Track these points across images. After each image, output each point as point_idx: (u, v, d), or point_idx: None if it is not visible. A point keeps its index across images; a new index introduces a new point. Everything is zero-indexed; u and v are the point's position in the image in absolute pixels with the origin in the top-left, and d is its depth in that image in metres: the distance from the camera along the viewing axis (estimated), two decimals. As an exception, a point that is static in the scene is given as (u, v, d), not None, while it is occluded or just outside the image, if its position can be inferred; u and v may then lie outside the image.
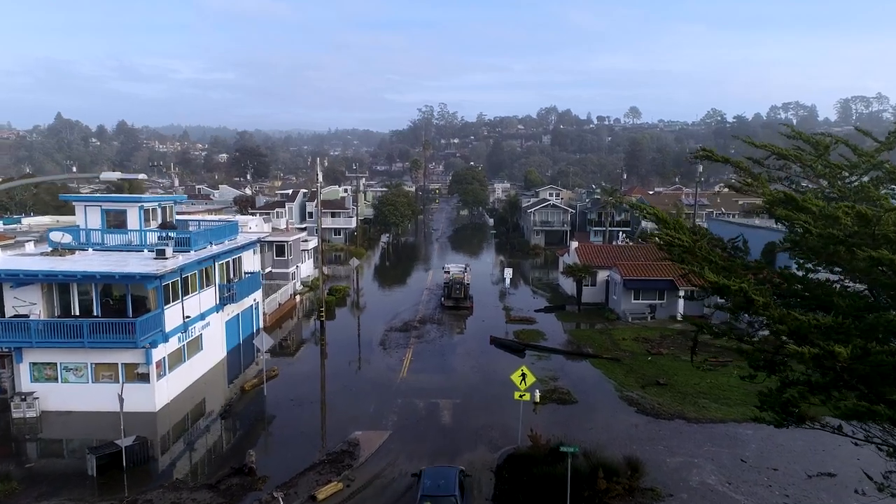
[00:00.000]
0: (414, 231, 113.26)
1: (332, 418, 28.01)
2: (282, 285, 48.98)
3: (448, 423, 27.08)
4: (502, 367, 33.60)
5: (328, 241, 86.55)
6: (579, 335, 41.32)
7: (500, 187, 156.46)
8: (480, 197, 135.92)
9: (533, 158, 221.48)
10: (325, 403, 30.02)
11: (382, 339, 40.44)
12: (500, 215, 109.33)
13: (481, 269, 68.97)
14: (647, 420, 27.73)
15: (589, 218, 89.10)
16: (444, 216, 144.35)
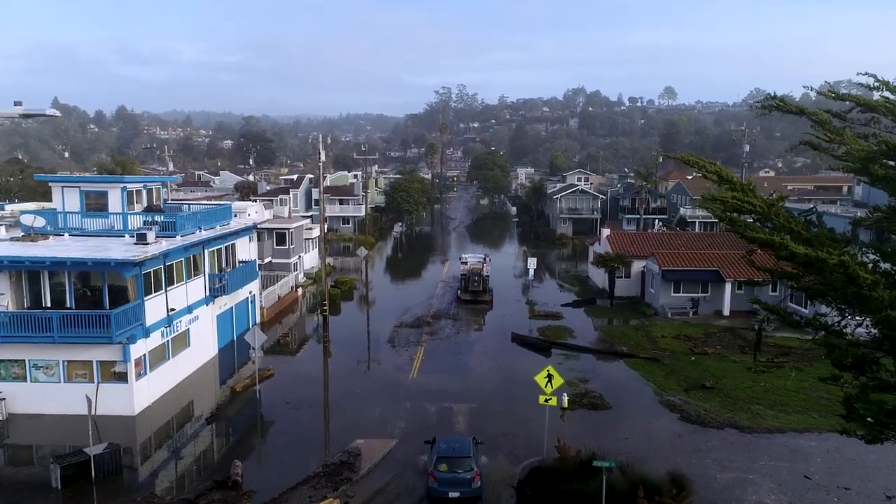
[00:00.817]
0: (430, 220, 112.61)
1: (331, 424, 26.78)
2: (282, 277, 47.75)
3: (463, 430, 25.69)
4: (525, 368, 32.27)
5: (336, 230, 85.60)
6: (612, 332, 39.87)
7: (523, 172, 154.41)
8: (502, 184, 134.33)
9: (559, 143, 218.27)
10: (326, 407, 28.70)
11: (391, 336, 39.26)
12: (524, 203, 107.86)
13: (502, 260, 67.87)
14: (692, 429, 25.98)
15: (621, 205, 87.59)
16: (463, 205, 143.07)
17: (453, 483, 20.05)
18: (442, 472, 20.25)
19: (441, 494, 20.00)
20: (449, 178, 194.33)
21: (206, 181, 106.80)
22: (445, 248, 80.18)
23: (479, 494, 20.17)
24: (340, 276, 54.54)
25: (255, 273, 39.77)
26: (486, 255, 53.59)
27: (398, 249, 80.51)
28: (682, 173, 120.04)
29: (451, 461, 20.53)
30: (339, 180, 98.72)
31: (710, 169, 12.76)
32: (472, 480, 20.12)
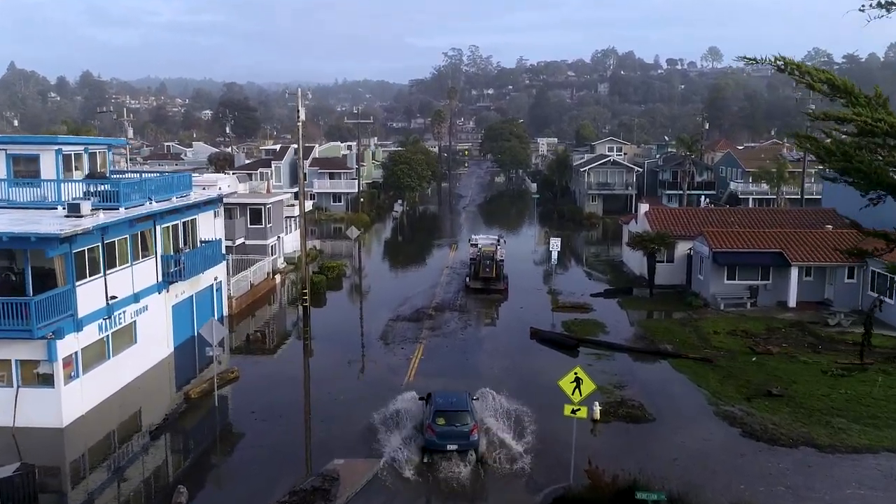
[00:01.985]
0: (436, 199, 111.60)
1: (306, 440, 24.69)
2: (257, 261, 45.63)
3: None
4: (547, 370, 30.23)
5: (325, 209, 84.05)
6: (653, 327, 38.01)
7: (544, 143, 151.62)
8: (520, 157, 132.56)
9: (587, 110, 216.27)
10: (308, 415, 26.67)
11: (385, 332, 37.42)
12: (545, 178, 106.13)
13: (520, 244, 66.59)
14: (757, 447, 23.74)
15: (660, 179, 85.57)
16: (475, 181, 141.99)
17: (451, 436, 22.34)
18: (440, 426, 22.45)
19: (439, 447, 22.31)
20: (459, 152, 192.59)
21: (176, 153, 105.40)
22: (454, 229, 79.21)
23: (476, 446, 22.50)
24: (326, 261, 52.49)
25: (221, 255, 37.64)
26: (500, 236, 52.00)
27: (398, 231, 79.50)
28: (732, 142, 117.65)
29: (449, 415, 22.81)
30: (331, 151, 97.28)
31: (822, 77, 9.89)
32: (470, 433, 22.37)
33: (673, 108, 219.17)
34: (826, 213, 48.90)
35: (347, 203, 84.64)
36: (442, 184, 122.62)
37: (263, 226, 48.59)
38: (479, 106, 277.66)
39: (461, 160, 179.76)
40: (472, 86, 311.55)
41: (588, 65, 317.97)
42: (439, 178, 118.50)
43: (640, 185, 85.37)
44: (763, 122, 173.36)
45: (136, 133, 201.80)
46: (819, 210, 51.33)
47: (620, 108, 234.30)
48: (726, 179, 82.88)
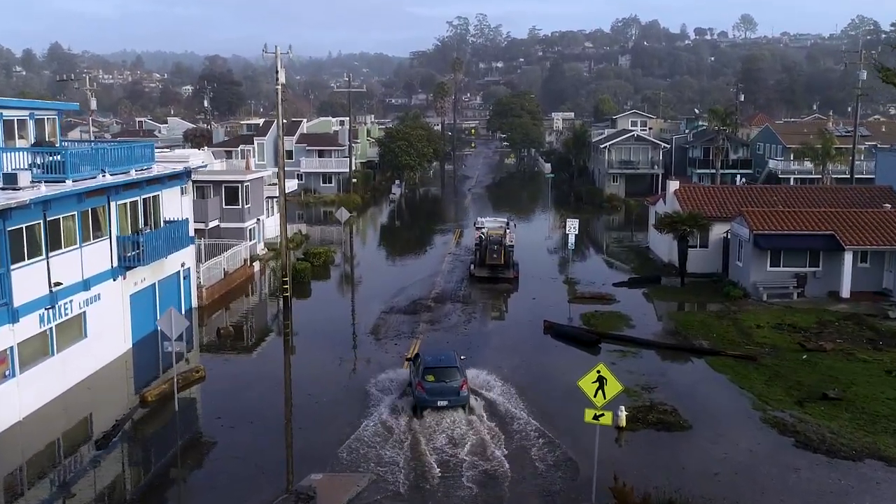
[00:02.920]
0: (439, 181, 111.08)
1: (279, 451, 23.11)
2: (233, 246, 44.42)
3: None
4: (562, 369, 28.93)
5: (314, 191, 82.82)
6: (685, 321, 36.68)
7: (559, 117, 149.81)
8: (532, 134, 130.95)
9: (606, 84, 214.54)
10: (289, 423, 25.17)
11: (376, 326, 36.13)
12: (561, 156, 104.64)
13: (532, 230, 65.91)
14: (813, 460, 22.13)
15: (690, 157, 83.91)
16: (482, 162, 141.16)
17: (441, 392, 24.52)
18: (430, 383, 24.60)
19: (430, 404, 24.49)
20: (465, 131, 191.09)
21: (150, 130, 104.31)
22: (458, 214, 78.27)
23: (465, 402, 24.84)
24: (312, 247, 51.06)
25: (187, 237, 36.07)
26: (508, 218, 50.95)
27: (396, 216, 78.79)
28: (770, 116, 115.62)
29: (438, 371, 25.02)
30: (321, 127, 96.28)
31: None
32: (459, 389, 24.68)
33: (702, 82, 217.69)
34: (882, 191, 47.25)
35: (339, 184, 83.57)
36: (446, 165, 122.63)
37: (240, 206, 47.21)
38: (488, 80, 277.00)
39: (467, 139, 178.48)
40: (480, 58, 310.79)
41: (608, 35, 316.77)
42: (442, 158, 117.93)
43: (667, 163, 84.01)
44: (803, 96, 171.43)
45: (108, 110, 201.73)
46: (874, 188, 49.71)
47: (644, 82, 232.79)
48: (764, 157, 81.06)
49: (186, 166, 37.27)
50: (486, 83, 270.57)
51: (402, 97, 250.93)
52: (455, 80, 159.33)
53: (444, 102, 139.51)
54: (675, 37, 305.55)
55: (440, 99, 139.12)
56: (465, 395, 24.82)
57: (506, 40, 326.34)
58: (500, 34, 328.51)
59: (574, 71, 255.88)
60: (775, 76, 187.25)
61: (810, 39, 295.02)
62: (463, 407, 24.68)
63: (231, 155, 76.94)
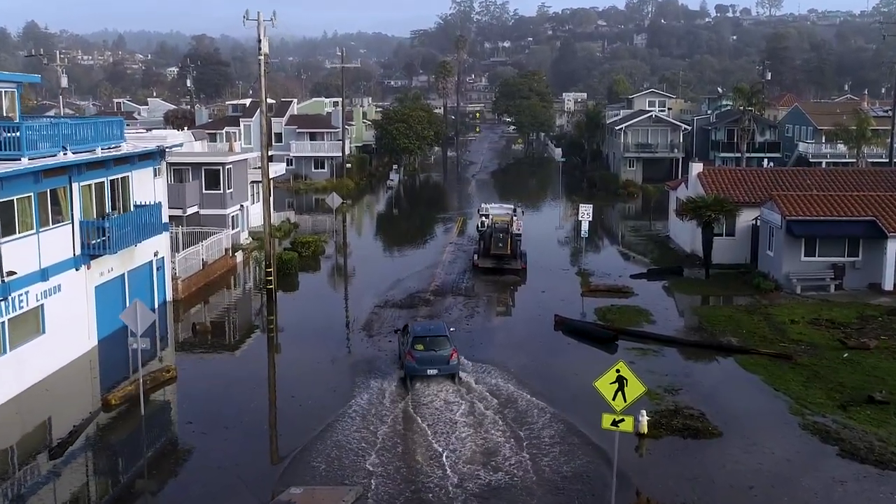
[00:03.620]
0: (441, 167, 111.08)
1: (257, 460, 21.87)
2: (213, 235, 43.59)
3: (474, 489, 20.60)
4: (576, 369, 28.24)
5: (305, 177, 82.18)
6: (711, 316, 35.77)
7: (571, 98, 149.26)
8: (541, 117, 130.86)
9: (621, 64, 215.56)
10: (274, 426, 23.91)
11: (369, 321, 35.13)
12: (573, 139, 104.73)
13: (542, 219, 66.02)
14: (861, 471, 20.90)
15: (713, 139, 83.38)
16: (487, 147, 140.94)
17: (431, 361, 25.98)
18: (419, 352, 26.14)
19: (419, 373, 26.00)
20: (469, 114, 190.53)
21: (128, 112, 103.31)
22: (461, 202, 78.07)
23: (455, 371, 26.35)
24: (301, 236, 50.10)
25: (161, 223, 34.97)
26: (515, 205, 50.42)
27: (394, 204, 78.64)
28: (799, 96, 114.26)
29: (428, 341, 26.54)
30: (313, 108, 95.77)
31: None
32: (449, 358, 26.12)
33: (723, 62, 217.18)
34: (926, 175, 45.88)
35: (332, 169, 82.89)
36: (448, 151, 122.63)
37: (222, 191, 46.35)
38: (494, 61, 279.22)
39: (471, 123, 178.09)
40: (485, 37, 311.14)
41: (622, 13, 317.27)
42: (444, 143, 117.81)
43: (687, 146, 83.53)
44: (833, 76, 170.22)
45: (87, 93, 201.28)
46: (917, 171, 48.32)
47: (661, 62, 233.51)
48: (793, 140, 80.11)
49: (160, 145, 36.06)
50: (492, 64, 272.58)
51: (401, 79, 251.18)
52: (458, 60, 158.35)
53: (446, 83, 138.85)
54: (694, 14, 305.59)
55: (442, 80, 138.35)
56: (455, 364, 26.39)
57: (513, 18, 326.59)
58: (506, 12, 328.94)
59: (586, 51, 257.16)
60: (802, 55, 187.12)
61: (839, 17, 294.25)
62: (452, 377, 26.21)
63: (215, 138, 76.00)
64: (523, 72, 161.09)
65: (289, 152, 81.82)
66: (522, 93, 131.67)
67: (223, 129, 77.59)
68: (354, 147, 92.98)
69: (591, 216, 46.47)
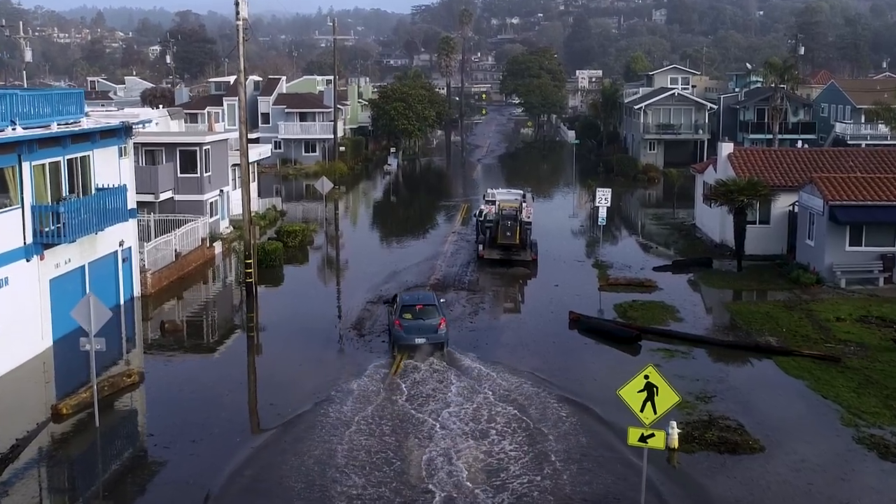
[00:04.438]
0: (444, 151, 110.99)
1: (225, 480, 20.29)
2: (188, 223, 42.49)
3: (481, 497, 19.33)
4: (595, 373, 27.26)
5: (294, 161, 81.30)
6: (745, 313, 34.54)
7: (585, 76, 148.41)
8: (553, 98, 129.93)
9: (638, 41, 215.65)
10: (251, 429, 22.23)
11: (360, 318, 33.79)
12: (587, 120, 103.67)
13: (554, 207, 65.37)
14: None
15: (741, 119, 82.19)
16: (494, 129, 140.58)
17: (419, 330, 27.64)
18: (407, 320, 27.84)
19: (407, 341, 27.62)
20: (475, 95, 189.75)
21: (104, 91, 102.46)
22: (466, 187, 77.80)
23: (443, 341, 27.89)
24: (287, 224, 49.10)
25: (125, 209, 33.52)
26: (525, 190, 49.60)
27: (392, 190, 77.94)
28: (835, 72, 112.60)
29: (416, 309, 28.32)
30: (303, 87, 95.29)
31: None
32: (437, 327, 27.80)
33: (749, 39, 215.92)
34: (984, 155, 44.36)
35: (324, 153, 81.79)
36: (452, 136, 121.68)
37: (199, 175, 45.26)
38: (501, 39, 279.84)
39: (477, 105, 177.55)
40: (492, 13, 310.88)
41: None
42: (448, 125, 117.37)
43: (713, 127, 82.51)
44: (868, 53, 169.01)
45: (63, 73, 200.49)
46: (972, 151, 46.80)
47: (682, 39, 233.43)
48: (829, 120, 78.78)
49: (124, 121, 34.49)
50: (499, 42, 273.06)
51: (401, 57, 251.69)
52: (463, 37, 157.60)
53: (449, 61, 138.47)
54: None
55: (445, 57, 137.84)
56: (444, 334, 27.88)
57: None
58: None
59: (601, 27, 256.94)
60: (836, 31, 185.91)
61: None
62: (441, 346, 27.73)
63: (196, 119, 74.78)
64: (533, 49, 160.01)
65: (277, 134, 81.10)
66: (532, 71, 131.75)
67: (205, 109, 76.28)
68: (349, 129, 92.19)
69: (609, 201, 45.15)
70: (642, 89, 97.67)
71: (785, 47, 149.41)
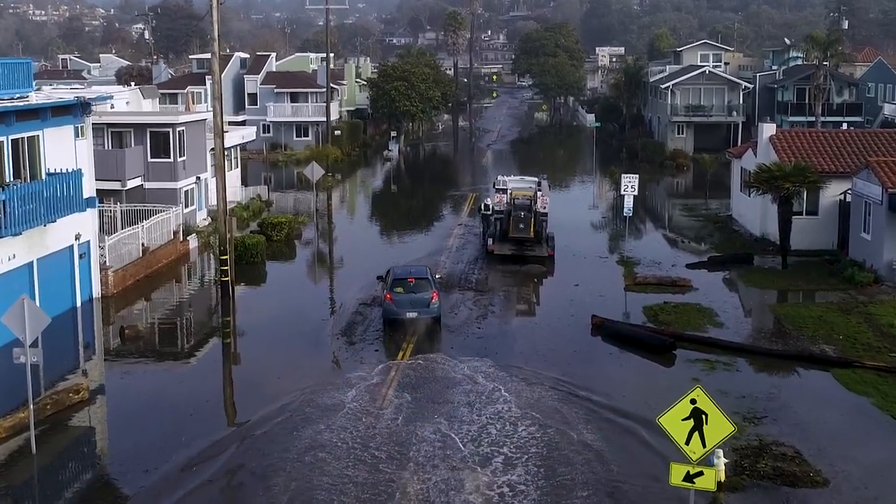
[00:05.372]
0: (451, 137, 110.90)
1: None
2: (157, 213, 41.26)
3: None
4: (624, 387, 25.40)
5: (284, 147, 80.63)
6: (795, 316, 32.96)
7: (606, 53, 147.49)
8: (570, 78, 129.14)
9: (662, 18, 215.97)
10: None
11: (350, 323, 32.26)
12: (608, 102, 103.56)
13: (572, 197, 64.93)
14: None
15: (779, 100, 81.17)
16: (506, 113, 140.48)
17: (411, 304, 29.03)
18: (398, 294, 29.17)
19: (397, 315, 29.11)
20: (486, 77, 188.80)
21: (77, 70, 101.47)
22: (474, 175, 77.46)
23: (436, 315, 29.50)
24: (272, 216, 47.97)
25: (81, 198, 32.11)
26: (540, 177, 48.44)
27: (392, 178, 77.45)
28: (882, 49, 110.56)
29: (408, 283, 29.67)
30: (296, 64, 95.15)
31: None
32: (429, 301, 29.12)
33: (784, 15, 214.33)
34: None
35: (318, 137, 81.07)
36: (461, 121, 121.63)
37: (172, 160, 43.81)
38: (513, 16, 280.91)
39: (488, 88, 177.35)
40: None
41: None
42: (455, 108, 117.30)
43: (748, 109, 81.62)
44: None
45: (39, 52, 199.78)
46: None
47: (709, 15, 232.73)
48: (877, 101, 77.23)
49: (80, 97, 32.77)
50: (511, 19, 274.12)
51: (405, 36, 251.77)
52: (472, 12, 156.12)
53: (457, 38, 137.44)
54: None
55: (452, 34, 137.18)
56: (436, 308, 29.50)
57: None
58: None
59: (622, 3, 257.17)
60: (880, 5, 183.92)
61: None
62: (436, 321, 29.57)
63: (177, 100, 73.55)
64: (549, 25, 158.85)
65: (265, 117, 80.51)
66: (548, 49, 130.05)
67: (185, 89, 74.94)
68: (345, 112, 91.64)
69: (636, 189, 43.68)
70: (669, 67, 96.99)
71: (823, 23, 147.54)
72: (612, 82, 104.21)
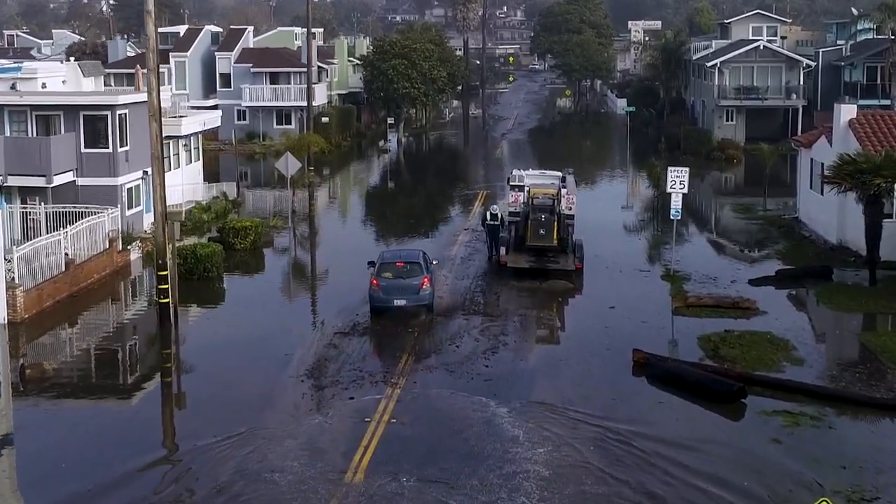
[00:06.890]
0: (460, 126, 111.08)
1: None
2: (90, 215, 39.03)
3: None
4: (681, 452, 21.78)
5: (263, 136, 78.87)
6: (892, 348, 30.29)
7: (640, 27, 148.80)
8: (597, 58, 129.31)
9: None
10: None
11: (320, 360, 29.29)
12: (642, 84, 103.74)
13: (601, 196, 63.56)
14: None
15: (846, 80, 79.46)
16: (523, 99, 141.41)
17: (398, 290, 30.92)
18: (386, 280, 31.09)
19: (384, 303, 30.93)
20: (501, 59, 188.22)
21: (25, 47, 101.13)
22: (487, 170, 77.15)
23: (428, 303, 31.30)
24: (236, 219, 45.49)
25: None
26: (565, 172, 46.33)
27: (389, 174, 76.22)
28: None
29: (397, 267, 31.65)
30: (278, 40, 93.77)
31: None
32: (420, 287, 30.94)
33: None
34: None
35: (302, 125, 78.68)
36: (472, 109, 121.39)
37: (111, 150, 41.63)
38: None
39: (503, 72, 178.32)
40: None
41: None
42: (465, 92, 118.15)
43: (809, 91, 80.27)
44: None
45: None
46: None
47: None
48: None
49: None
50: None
51: (410, 12, 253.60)
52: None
53: (467, 13, 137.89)
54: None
55: (463, 8, 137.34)
56: (428, 295, 30.80)
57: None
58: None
59: None
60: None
61: None
62: (428, 309, 30.91)
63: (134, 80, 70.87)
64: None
65: (240, 101, 79.20)
66: (571, 25, 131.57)
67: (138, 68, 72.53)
68: (336, 95, 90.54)
69: (685, 186, 40.41)
70: (715, 43, 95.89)
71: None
72: (647, 61, 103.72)
